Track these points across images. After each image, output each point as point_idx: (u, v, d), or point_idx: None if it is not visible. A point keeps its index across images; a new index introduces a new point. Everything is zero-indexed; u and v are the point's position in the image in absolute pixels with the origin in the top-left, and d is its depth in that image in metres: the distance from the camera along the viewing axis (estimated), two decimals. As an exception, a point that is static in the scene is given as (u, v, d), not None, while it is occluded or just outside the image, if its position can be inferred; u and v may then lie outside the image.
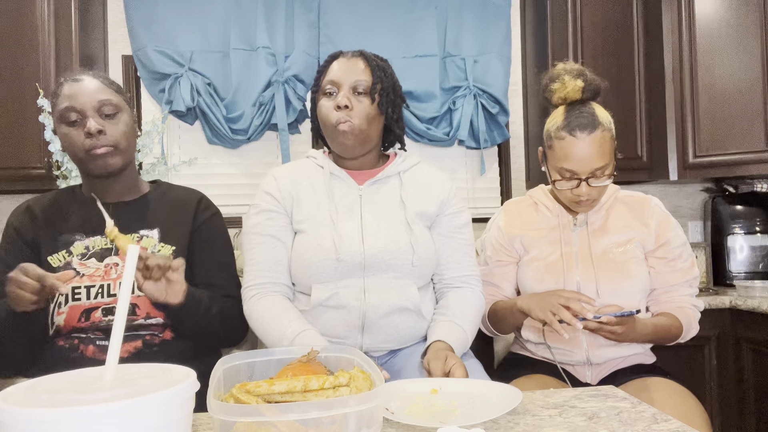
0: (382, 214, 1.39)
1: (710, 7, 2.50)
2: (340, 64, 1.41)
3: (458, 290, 1.44)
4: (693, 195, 2.98)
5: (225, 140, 2.62)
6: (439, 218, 1.46)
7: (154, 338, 1.32)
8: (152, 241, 1.38)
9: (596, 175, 1.47)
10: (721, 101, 2.47)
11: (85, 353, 1.29)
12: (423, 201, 1.43)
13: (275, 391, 0.79)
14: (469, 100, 2.74)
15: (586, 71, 1.53)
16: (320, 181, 1.43)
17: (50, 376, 0.68)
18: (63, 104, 1.31)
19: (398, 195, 1.42)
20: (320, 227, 1.36)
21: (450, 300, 1.42)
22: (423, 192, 1.44)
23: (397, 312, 1.35)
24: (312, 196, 1.41)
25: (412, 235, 1.37)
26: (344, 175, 1.43)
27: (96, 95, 1.32)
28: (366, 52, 1.44)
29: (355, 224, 1.37)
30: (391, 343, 1.38)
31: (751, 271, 2.63)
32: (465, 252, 1.47)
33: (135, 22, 2.58)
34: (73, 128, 1.31)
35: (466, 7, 2.80)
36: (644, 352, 1.60)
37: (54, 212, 1.40)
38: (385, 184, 1.44)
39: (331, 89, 1.39)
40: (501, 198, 2.95)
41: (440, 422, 0.87)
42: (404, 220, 1.39)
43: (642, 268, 1.54)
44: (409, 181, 1.45)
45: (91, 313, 1.29)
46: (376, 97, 1.39)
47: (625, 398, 1.02)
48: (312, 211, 1.39)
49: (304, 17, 2.69)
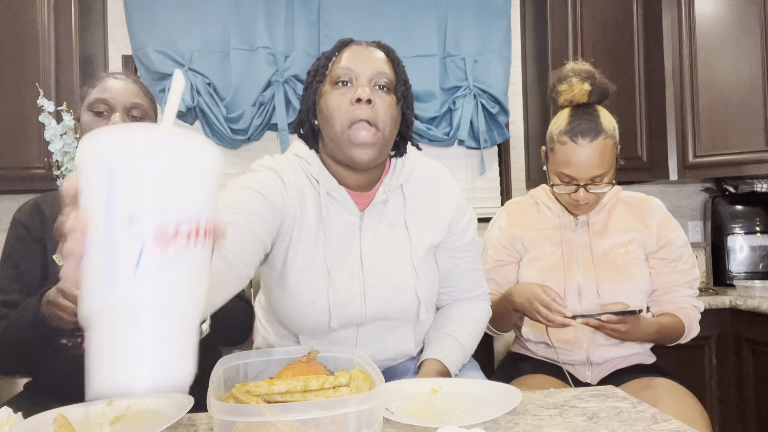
0: (385, 253, 1.18)
1: (710, 7, 2.50)
2: (355, 51, 1.14)
3: (465, 302, 1.33)
4: (693, 195, 2.98)
5: (225, 140, 2.62)
6: (448, 239, 1.26)
7: None
8: None
9: (595, 182, 1.47)
10: (721, 101, 2.47)
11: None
12: (430, 229, 1.22)
13: (275, 391, 0.79)
14: (469, 100, 2.74)
15: (596, 73, 1.51)
16: (313, 203, 1.15)
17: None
18: (97, 95, 1.35)
19: (402, 222, 1.21)
20: (315, 277, 1.13)
21: (454, 311, 1.30)
22: (429, 212, 1.23)
23: (391, 360, 1.26)
24: (310, 225, 1.14)
25: (418, 281, 1.18)
26: (344, 198, 1.16)
27: (130, 97, 1.37)
28: (383, 43, 1.19)
29: (356, 275, 1.16)
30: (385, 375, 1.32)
31: (751, 271, 2.63)
32: (474, 269, 1.32)
33: (135, 22, 2.58)
34: (98, 118, 1.35)
35: (466, 7, 2.80)
36: (644, 352, 1.60)
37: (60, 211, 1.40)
38: (386, 208, 1.20)
39: (345, 77, 1.11)
40: (501, 198, 2.95)
41: (440, 422, 0.87)
42: (410, 260, 1.19)
43: (643, 269, 1.54)
44: (413, 199, 1.23)
45: None
46: (400, 97, 1.14)
47: (625, 398, 1.02)
48: (308, 251, 1.13)
49: (304, 17, 2.69)
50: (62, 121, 2.10)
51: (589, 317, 1.34)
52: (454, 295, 1.32)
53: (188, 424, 0.93)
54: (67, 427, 0.84)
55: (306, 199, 1.15)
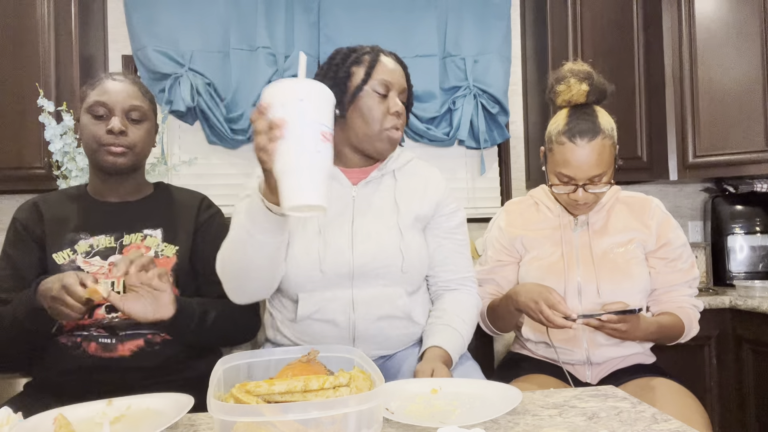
0: (374, 218, 1.35)
1: (710, 7, 2.50)
2: (389, 65, 1.34)
3: (454, 292, 1.43)
4: (693, 195, 2.98)
5: (225, 140, 2.62)
6: (435, 219, 1.43)
7: (155, 336, 1.33)
8: (155, 240, 1.40)
9: (594, 182, 1.47)
10: (721, 101, 2.47)
11: (87, 350, 1.30)
12: (418, 202, 1.39)
13: (275, 391, 0.79)
14: (469, 100, 2.73)
15: (594, 74, 1.51)
16: None
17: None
18: (96, 97, 1.36)
19: (392, 196, 1.38)
20: (308, 233, 1.31)
21: (446, 303, 1.40)
22: (417, 192, 1.40)
23: (386, 320, 1.33)
24: None
25: (403, 240, 1.33)
26: (339, 175, 1.37)
27: (129, 99, 1.37)
28: (399, 57, 1.41)
29: (346, 231, 1.32)
30: (382, 350, 1.37)
31: (751, 271, 2.63)
32: (461, 253, 1.45)
33: (135, 22, 2.58)
34: (98, 121, 1.36)
35: (466, 7, 2.80)
36: (644, 352, 1.60)
37: (60, 210, 1.42)
38: (379, 184, 1.39)
39: (382, 90, 1.32)
40: (501, 198, 2.95)
41: (440, 422, 0.87)
42: (396, 225, 1.34)
43: (643, 269, 1.54)
44: (404, 180, 1.41)
45: (95, 311, 1.31)
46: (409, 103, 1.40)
47: (625, 398, 1.02)
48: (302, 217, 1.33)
49: (304, 17, 2.69)
50: (62, 121, 2.11)
51: (589, 317, 1.34)
52: (442, 277, 1.43)
53: (188, 424, 0.93)
54: (67, 427, 0.84)
55: None
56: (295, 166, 0.85)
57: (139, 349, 1.31)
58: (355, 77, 1.32)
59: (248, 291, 1.26)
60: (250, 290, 1.26)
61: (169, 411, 0.93)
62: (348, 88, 1.32)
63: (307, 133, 0.85)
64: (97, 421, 0.89)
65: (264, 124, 0.87)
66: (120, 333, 1.31)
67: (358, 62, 1.33)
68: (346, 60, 1.34)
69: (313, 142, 0.85)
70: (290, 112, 0.85)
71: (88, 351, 1.30)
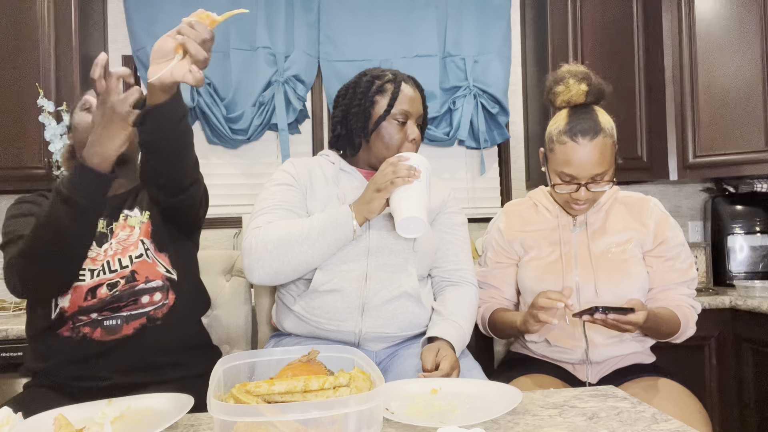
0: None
1: (710, 7, 2.50)
2: (409, 93, 1.46)
3: (455, 288, 1.48)
4: (693, 195, 2.98)
5: (225, 140, 2.62)
6: (439, 215, 1.53)
7: (156, 312, 1.37)
8: (136, 220, 1.43)
9: (596, 181, 1.48)
10: (721, 101, 2.47)
11: (92, 336, 1.32)
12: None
13: (275, 391, 0.79)
14: (469, 100, 2.74)
15: (591, 74, 1.53)
16: (331, 173, 1.50)
17: None
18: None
19: None
20: (329, 206, 1.42)
21: (447, 298, 1.45)
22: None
23: (396, 298, 1.38)
24: (324, 185, 1.46)
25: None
26: (353, 171, 1.50)
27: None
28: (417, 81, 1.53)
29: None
30: (389, 329, 1.39)
31: (751, 271, 2.63)
32: (462, 247, 1.53)
33: (135, 22, 2.58)
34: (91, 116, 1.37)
35: (466, 7, 2.80)
36: (644, 352, 1.60)
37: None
38: None
39: (402, 118, 1.45)
40: (501, 198, 2.95)
41: (440, 422, 0.87)
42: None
43: (641, 268, 1.54)
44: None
45: (96, 291, 1.33)
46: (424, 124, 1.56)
47: (625, 398, 1.02)
48: (323, 198, 1.44)
49: (304, 17, 2.69)
50: (62, 121, 2.11)
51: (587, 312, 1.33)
52: (444, 267, 1.51)
53: (188, 424, 0.93)
54: (67, 427, 0.84)
55: (313, 171, 1.49)
56: (414, 195, 1.30)
57: (142, 326, 1.34)
58: (378, 106, 1.45)
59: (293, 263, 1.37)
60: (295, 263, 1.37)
61: (169, 411, 0.93)
62: (372, 116, 1.45)
63: (424, 182, 1.32)
64: (98, 421, 0.89)
65: (406, 167, 1.30)
66: (124, 313, 1.33)
67: (381, 91, 1.46)
68: (369, 88, 1.46)
69: (426, 187, 1.32)
70: (423, 170, 1.33)
71: (93, 337, 1.31)
